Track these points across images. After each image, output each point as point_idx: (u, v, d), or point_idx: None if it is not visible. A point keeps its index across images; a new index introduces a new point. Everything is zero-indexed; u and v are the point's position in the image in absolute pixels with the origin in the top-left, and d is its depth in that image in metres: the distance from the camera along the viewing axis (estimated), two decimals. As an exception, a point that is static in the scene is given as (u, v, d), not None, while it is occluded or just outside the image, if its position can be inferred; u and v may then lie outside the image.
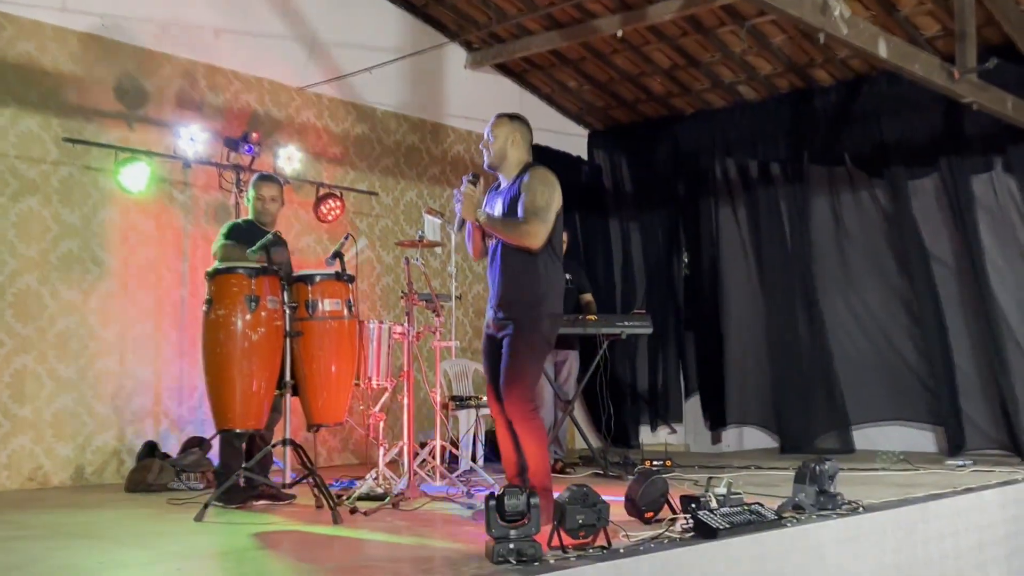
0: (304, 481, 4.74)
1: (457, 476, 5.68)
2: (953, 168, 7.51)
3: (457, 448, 6.42)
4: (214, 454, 5.73)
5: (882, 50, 5.65)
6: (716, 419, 8.74)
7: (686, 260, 9.45)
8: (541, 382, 5.54)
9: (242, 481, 4.90)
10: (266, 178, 5.48)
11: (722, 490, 4.00)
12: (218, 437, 4.91)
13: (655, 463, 6.51)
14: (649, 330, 7.01)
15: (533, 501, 3.33)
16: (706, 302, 8.89)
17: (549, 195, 4.14)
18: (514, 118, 4.36)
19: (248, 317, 4.55)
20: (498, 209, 4.27)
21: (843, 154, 8.17)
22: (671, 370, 9.13)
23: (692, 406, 9.05)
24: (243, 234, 5.14)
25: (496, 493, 3.35)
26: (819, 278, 8.23)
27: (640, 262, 9.41)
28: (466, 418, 6.74)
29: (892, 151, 7.85)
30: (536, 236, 4.09)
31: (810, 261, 8.26)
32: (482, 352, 4.41)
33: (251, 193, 5.37)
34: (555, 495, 3.71)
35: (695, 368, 9.02)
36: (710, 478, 4.18)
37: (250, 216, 5.36)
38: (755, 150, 8.72)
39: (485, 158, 4.36)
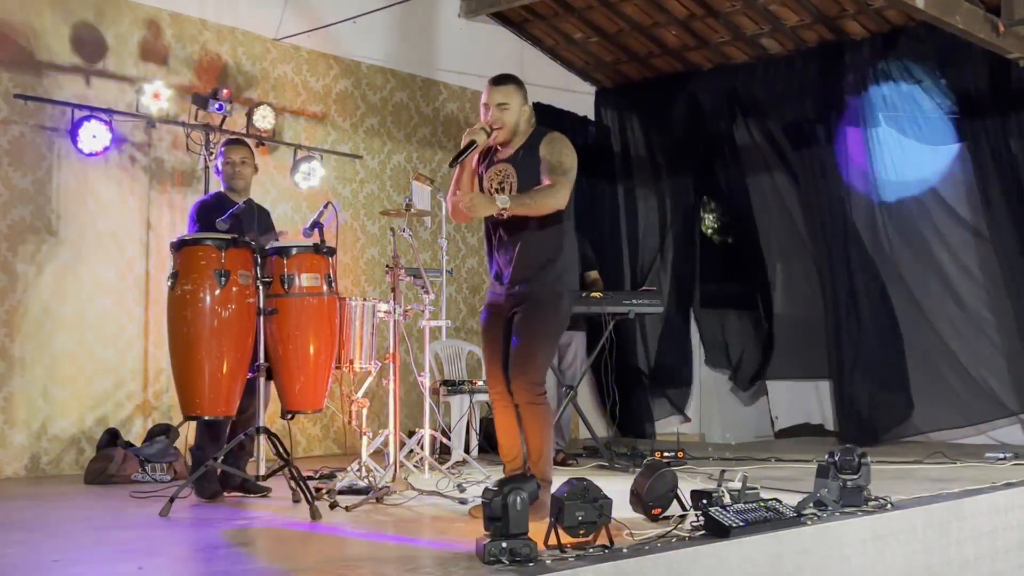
0: (280, 473, 4.78)
1: (448, 468, 5.72)
2: (1022, 128, 7.54)
3: (448, 438, 6.46)
4: (182, 443, 5.79)
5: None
6: (754, 404, 8.81)
7: (703, 231, 9.45)
8: None
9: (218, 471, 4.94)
10: (234, 141, 5.66)
11: (736, 484, 4.04)
12: (194, 423, 4.95)
13: (666, 454, 6.55)
14: (660, 308, 7.02)
15: (528, 496, 3.36)
16: (729, 276, 8.90)
17: (573, 160, 4.33)
18: (521, 83, 4.44)
19: (217, 293, 4.56)
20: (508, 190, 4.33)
21: (878, 115, 8.15)
22: (688, 353, 9.15)
23: (714, 392, 9.07)
24: (213, 212, 5.18)
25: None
26: (870, 248, 8.19)
27: (652, 234, 9.40)
28: (459, 404, 6.78)
29: (934, 112, 7.84)
30: (564, 197, 4.26)
31: (857, 233, 8.23)
32: (483, 328, 4.48)
33: (219, 161, 5.50)
34: (554, 489, 3.74)
35: (725, 350, 9.03)
36: (723, 471, 4.22)
37: (221, 188, 5.46)
38: (780, 110, 8.70)
39: (493, 132, 4.32)
